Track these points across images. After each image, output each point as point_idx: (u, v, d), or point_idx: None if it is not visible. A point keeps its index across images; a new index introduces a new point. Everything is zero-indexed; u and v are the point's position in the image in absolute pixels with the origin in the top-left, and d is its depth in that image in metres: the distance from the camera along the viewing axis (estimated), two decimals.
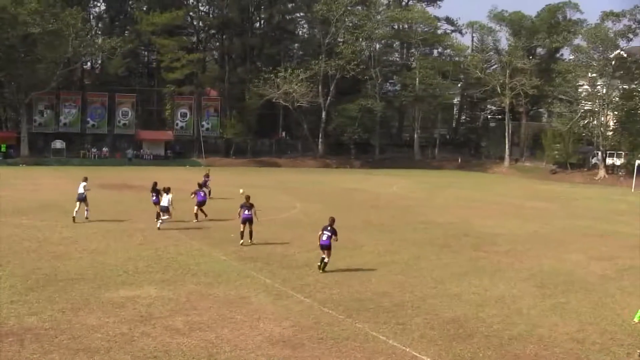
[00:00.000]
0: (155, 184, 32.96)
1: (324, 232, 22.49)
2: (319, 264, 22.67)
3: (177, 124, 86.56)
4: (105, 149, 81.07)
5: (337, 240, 22.71)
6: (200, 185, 34.75)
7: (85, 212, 32.01)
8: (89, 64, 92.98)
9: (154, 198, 32.16)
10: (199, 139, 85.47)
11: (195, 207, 33.18)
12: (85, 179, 32.68)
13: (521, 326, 17.44)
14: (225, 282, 20.74)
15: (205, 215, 33.37)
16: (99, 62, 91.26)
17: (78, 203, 31.81)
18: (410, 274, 23.05)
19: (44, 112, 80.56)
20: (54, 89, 78.26)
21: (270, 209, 39.23)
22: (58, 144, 77.60)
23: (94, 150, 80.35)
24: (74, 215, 31.49)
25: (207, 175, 43.18)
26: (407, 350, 15.26)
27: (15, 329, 15.46)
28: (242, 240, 26.85)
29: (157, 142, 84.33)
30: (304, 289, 20.21)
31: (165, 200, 30.37)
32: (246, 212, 26.78)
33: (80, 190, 32.11)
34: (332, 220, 22.80)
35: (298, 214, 38.03)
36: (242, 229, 26.96)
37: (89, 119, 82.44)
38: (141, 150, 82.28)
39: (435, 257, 26.39)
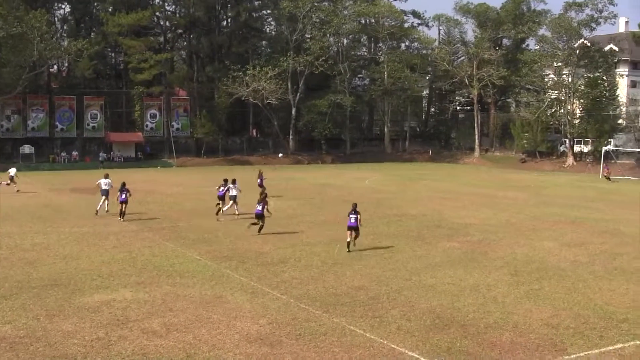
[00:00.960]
0: (123, 183, 33.40)
1: (350, 215, 25.83)
2: (347, 248, 25.64)
3: (147, 125, 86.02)
4: (75, 153, 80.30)
5: (360, 222, 25.94)
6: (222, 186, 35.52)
7: (106, 205, 35.27)
8: (55, 67, 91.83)
9: (122, 197, 32.85)
10: (169, 139, 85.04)
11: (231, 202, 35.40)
12: (107, 176, 36.28)
13: (496, 314, 17.60)
14: (200, 282, 20.69)
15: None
16: (66, 64, 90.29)
17: (103, 197, 35.30)
18: (385, 266, 23.15)
19: (11, 117, 79.64)
20: (20, 93, 77.16)
21: (243, 207, 39.17)
22: (27, 149, 76.68)
23: (63, 154, 79.54)
24: (97, 209, 35.06)
25: (261, 175, 44.94)
26: (385, 342, 15.32)
27: None
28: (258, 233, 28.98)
29: (128, 144, 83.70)
30: (280, 286, 20.23)
31: (234, 191, 34.81)
32: (258, 207, 29.16)
33: (104, 187, 35.46)
34: (355, 205, 26.26)
35: (271, 211, 37.90)
36: (257, 222, 29.31)
37: (57, 123, 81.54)
38: (112, 153, 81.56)
39: (409, 249, 26.52)
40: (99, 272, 21.80)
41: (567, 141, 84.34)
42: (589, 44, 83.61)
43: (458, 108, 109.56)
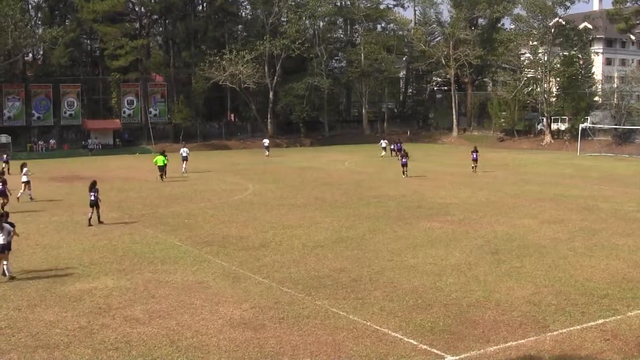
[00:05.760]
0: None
1: (473, 153, 48.60)
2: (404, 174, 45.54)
3: (124, 112, 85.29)
4: (52, 141, 79.49)
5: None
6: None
7: (184, 167, 49.85)
8: (30, 55, 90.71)
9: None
10: (147, 125, 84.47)
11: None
12: (185, 145, 54.42)
13: (478, 292, 17.68)
14: (182, 268, 20.64)
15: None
16: (41, 52, 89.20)
17: (183, 162, 50.05)
18: (367, 248, 23.20)
19: None
20: None
21: (223, 192, 39.15)
22: (3, 138, 75.65)
23: (41, 143, 78.67)
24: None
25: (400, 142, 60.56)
26: (368, 324, 15.36)
27: None
28: (403, 176, 45.70)
29: (105, 131, 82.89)
30: (262, 270, 20.22)
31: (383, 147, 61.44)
32: (404, 159, 46.57)
33: (184, 154, 50.78)
34: (476, 147, 48.39)
35: (251, 195, 37.92)
36: (402, 170, 46.32)
37: (34, 112, 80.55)
38: (89, 140, 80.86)
39: (390, 230, 26.58)
40: (80, 260, 21.69)
41: (545, 119, 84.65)
42: (563, 23, 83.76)
43: (435, 88, 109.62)
